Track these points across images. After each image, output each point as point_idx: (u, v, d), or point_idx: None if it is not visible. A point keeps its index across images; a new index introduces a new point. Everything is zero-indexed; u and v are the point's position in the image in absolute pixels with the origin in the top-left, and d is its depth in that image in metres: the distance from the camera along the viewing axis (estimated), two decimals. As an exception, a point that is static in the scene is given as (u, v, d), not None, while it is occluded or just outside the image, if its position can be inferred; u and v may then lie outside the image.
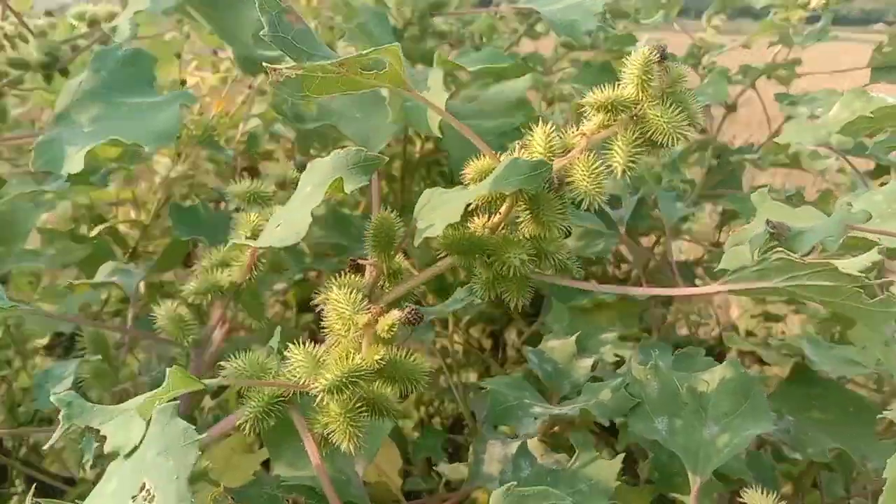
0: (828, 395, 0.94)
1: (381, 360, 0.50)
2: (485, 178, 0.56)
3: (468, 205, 0.59)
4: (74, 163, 0.68)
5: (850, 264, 0.44)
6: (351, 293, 0.51)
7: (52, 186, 0.75)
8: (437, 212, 0.53)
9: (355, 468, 0.65)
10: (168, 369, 0.42)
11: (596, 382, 0.76)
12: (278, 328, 0.60)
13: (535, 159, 0.52)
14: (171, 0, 0.85)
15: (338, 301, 0.51)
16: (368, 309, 0.50)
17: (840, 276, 0.45)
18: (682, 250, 2.16)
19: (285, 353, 0.54)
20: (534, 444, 0.77)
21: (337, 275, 0.60)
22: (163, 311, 0.67)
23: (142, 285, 1.01)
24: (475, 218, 0.61)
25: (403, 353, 0.52)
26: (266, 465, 0.82)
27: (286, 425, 0.59)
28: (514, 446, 0.73)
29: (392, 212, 0.60)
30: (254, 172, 1.38)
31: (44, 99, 1.06)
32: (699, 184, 1.69)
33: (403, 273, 0.61)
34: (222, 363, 0.58)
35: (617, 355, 0.91)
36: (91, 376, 0.67)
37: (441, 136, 0.75)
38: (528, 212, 0.57)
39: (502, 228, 0.59)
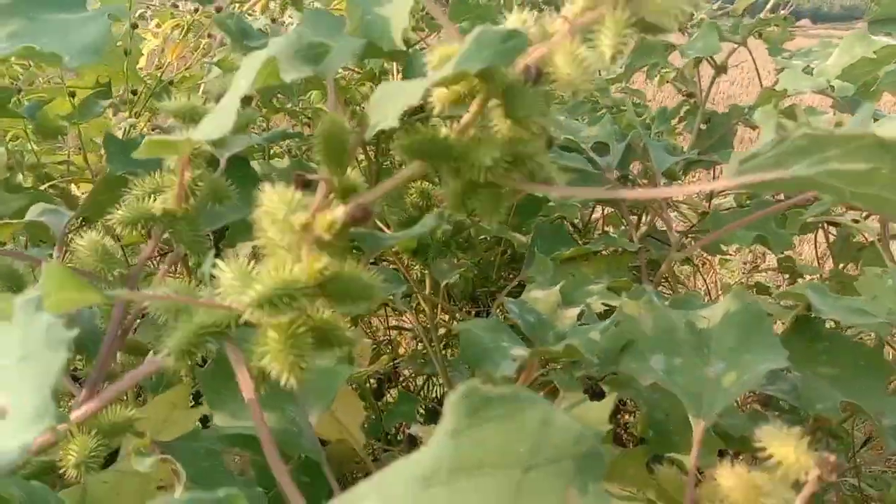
0: (835, 349, 0.86)
1: (323, 269, 0.41)
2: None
3: (431, 107, 0.51)
4: (-20, 74, 0.59)
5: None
6: (287, 193, 0.43)
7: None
8: (392, 102, 0.45)
9: (308, 419, 0.57)
10: (44, 263, 0.33)
11: (582, 326, 0.68)
12: (210, 251, 0.51)
13: (509, 31, 0.44)
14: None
15: (271, 203, 0.42)
16: (306, 207, 0.42)
17: (881, 153, 0.37)
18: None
19: (214, 271, 0.45)
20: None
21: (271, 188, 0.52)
22: (84, 243, 0.58)
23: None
24: (442, 128, 0.52)
25: (353, 265, 0.43)
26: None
27: (227, 370, 0.51)
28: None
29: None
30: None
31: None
32: (688, 150, 1.62)
33: (359, 189, 0.53)
34: (144, 292, 0.49)
35: (606, 305, 0.83)
36: None
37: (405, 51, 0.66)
38: (501, 109, 0.49)
39: (473, 131, 0.50)
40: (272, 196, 0.42)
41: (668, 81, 1.93)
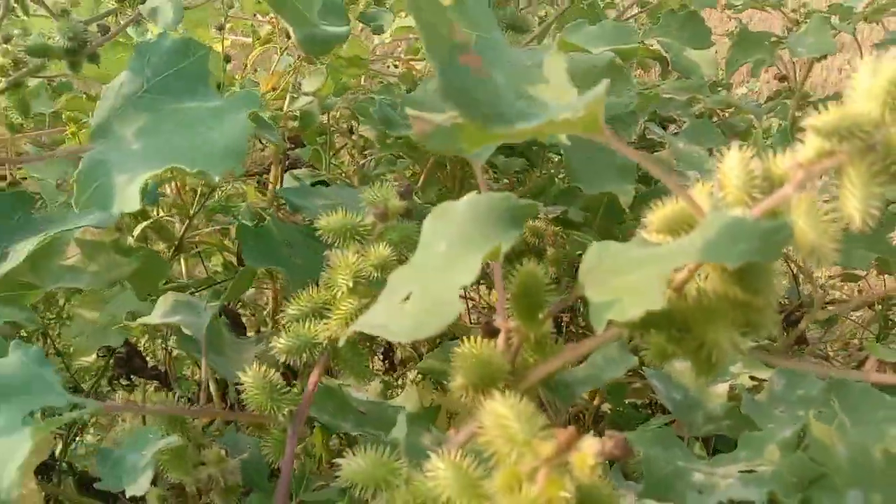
0: None
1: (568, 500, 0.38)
2: (677, 229, 0.43)
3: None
4: (129, 200, 0.55)
5: None
6: (520, 405, 0.39)
7: (92, 220, 0.60)
8: (624, 281, 0.40)
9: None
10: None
11: (755, 433, 0.64)
12: (402, 414, 0.48)
13: (771, 222, 0.39)
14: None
15: (503, 417, 0.39)
16: (548, 431, 0.38)
17: None
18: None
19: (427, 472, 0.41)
20: None
21: (467, 339, 0.48)
22: (251, 379, 0.55)
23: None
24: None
25: (601, 485, 0.40)
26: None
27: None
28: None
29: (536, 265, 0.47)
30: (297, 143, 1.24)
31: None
32: (780, 139, 1.53)
33: (550, 345, 0.49)
34: (337, 460, 0.47)
35: (753, 378, 0.79)
36: (168, 459, 0.56)
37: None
38: (729, 276, 0.44)
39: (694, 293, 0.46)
40: (503, 407, 0.39)
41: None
